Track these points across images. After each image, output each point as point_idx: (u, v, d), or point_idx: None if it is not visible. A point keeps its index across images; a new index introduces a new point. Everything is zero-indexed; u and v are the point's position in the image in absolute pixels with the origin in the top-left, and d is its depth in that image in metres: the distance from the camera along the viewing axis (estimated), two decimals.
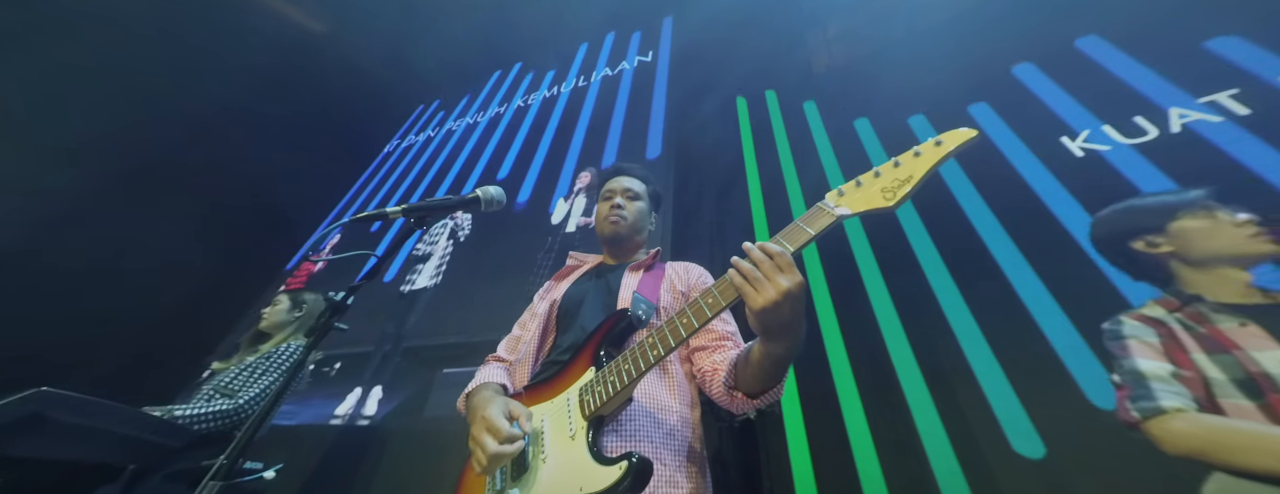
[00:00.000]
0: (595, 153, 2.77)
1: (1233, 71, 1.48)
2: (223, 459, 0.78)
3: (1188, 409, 1.03)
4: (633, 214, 1.34)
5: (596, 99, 3.35)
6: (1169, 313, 1.17)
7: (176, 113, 3.91)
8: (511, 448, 0.82)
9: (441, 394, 1.78)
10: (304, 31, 4.51)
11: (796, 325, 0.74)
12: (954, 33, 2.26)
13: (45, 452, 1.33)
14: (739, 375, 0.90)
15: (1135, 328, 1.19)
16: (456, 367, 1.82)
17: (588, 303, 1.18)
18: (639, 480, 0.73)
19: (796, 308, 0.70)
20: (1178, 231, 1.26)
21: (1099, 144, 1.57)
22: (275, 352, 2.03)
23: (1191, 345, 1.10)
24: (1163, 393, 1.08)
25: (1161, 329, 1.16)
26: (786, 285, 0.68)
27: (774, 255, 0.70)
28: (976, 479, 1.22)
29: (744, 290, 0.71)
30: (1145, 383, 1.11)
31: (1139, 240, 1.31)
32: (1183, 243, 1.24)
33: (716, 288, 0.77)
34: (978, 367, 1.37)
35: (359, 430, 1.96)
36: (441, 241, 2.55)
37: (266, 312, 2.28)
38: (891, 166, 0.70)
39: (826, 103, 2.41)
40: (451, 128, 4.41)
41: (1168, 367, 1.10)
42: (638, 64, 3.41)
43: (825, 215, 0.72)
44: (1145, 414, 1.08)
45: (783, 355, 0.78)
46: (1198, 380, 1.06)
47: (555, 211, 2.22)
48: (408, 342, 2.10)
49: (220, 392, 1.88)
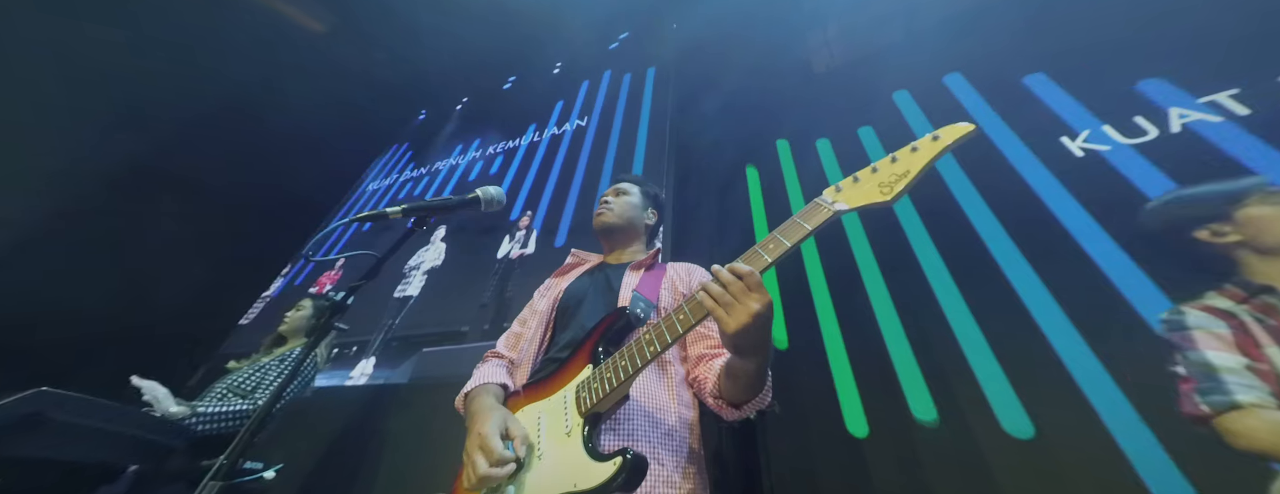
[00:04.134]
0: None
1: (1234, 71, 1.48)
2: (223, 459, 0.79)
3: (1267, 404, 0.96)
4: (619, 206, 1.38)
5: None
6: (1236, 304, 1.09)
7: (180, 111, 3.93)
8: (501, 472, 0.81)
9: (421, 363, 2.38)
10: (307, 31, 4.53)
11: (765, 342, 0.78)
12: (954, 33, 2.26)
13: (45, 452, 1.33)
14: (723, 387, 0.93)
15: (1201, 318, 1.11)
16: (433, 346, 2.43)
17: (588, 300, 1.18)
18: (633, 477, 0.73)
19: (765, 327, 0.73)
20: (1247, 219, 1.17)
21: (1099, 144, 1.57)
22: (290, 355, 2.07)
23: (1264, 338, 1.02)
24: (1237, 386, 1.00)
25: (1231, 321, 1.08)
26: (756, 308, 0.70)
27: (743, 275, 0.71)
28: (976, 477, 1.22)
29: (716, 313, 0.73)
30: (1216, 375, 1.03)
31: (1203, 229, 1.22)
32: (1254, 230, 1.15)
33: (687, 305, 0.78)
34: (977, 366, 1.37)
35: (362, 403, 2.43)
36: (430, 253, 3.16)
37: (289, 315, 2.33)
38: (888, 162, 0.70)
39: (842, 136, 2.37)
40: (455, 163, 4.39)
41: (1241, 360, 1.03)
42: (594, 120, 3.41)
43: (823, 211, 0.72)
44: (1217, 408, 1.00)
45: (755, 370, 0.82)
46: (1272, 375, 0.99)
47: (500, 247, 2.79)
48: (397, 332, 2.71)
49: (233, 391, 1.91)
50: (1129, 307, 1.24)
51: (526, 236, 2.69)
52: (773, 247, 0.73)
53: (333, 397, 2.55)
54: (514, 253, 2.65)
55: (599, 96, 3.66)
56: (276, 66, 4.36)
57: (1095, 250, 1.38)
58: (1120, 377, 1.15)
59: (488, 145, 4.10)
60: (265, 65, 4.30)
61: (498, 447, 0.83)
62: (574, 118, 3.59)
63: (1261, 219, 1.15)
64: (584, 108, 3.63)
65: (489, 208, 1.15)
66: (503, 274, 2.54)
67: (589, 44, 4.22)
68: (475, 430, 0.89)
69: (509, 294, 2.42)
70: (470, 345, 2.31)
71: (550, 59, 4.46)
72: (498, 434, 0.87)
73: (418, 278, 2.97)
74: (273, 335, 2.31)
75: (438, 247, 3.17)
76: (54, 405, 1.29)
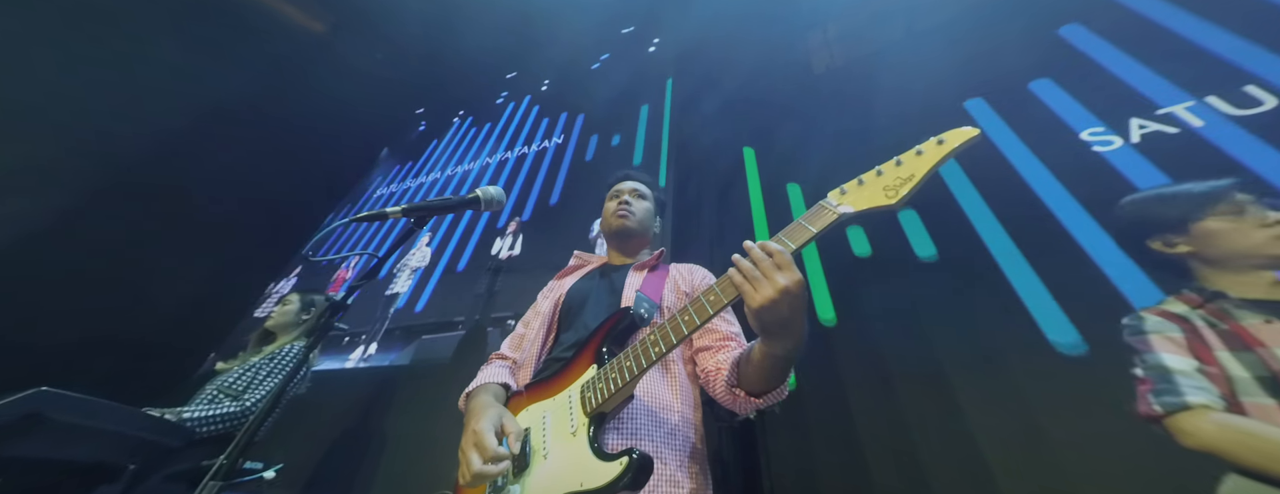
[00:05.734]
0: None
1: (1234, 71, 1.48)
2: (223, 459, 0.78)
3: (1214, 406, 1.00)
4: (640, 212, 1.36)
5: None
6: (1191, 309, 1.14)
7: (178, 112, 3.91)
8: (495, 469, 0.81)
9: (421, 348, 2.63)
10: (308, 33, 4.52)
11: (797, 324, 0.73)
12: (954, 33, 2.27)
13: (45, 452, 1.32)
14: (742, 374, 0.89)
15: (1157, 323, 1.16)
16: (431, 334, 2.68)
17: (591, 301, 1.18)
18: (639, 476, 0.73)
19: (796, 306, 0.70)
20: (1199, 233, 1.20)
21: (1100, 144, 1.57)
22: (279, 353, 2.03)
23: (1215, 342, 1.07)
24: (1188, 388, 1.04)
25: (1184, 325, 1.12)
26: (784, 283, 0.68)
27: (773, 253, 0.70)
28: (975, 477, 1.22)
29: (743, 289, 0.71)
30: (1170, 377, 1.08)
31: (1156, 240, 1.26)
32: (1203, 244, 1.19)
33: (718, 285, 0.77)
34: (977, 365, 1.38)
35: (372, 382, 2.63)
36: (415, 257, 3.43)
37: (275, 310, 2.28)
38: (893, 165, 0.71)
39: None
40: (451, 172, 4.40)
41: (1192, 362, 1.07)
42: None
43: (828, 213, 0.73)
44: (1168, 409, 1.05)
45: (783, 355, 0.78)
46: (1222, 378, 1.03)
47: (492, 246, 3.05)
48: (398, 323, 2.96)
49: (223, 391, 1.88)
50: (1129, 304, 1.25)
51: (514, 241, 2.95)
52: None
53: (344, 378, 2.78)
54: (503, 253, 2.92)
55: (599, 102, 3.70)
56: (276, 68, 4.35)
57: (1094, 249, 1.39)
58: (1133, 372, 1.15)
59: (481, 156, 4.14)
60: (266, 66, 4.29)
61: (492, 443, 0.83)
62: (577, 127, 3.64)
63: (1213, 234, 1.19)
64: (588, 119, 3.66)
65: (489, 207, 1.14)
66: (494, 270, 2.84)
67: (585, 49, 4.21)
68: (470, 427, 0.89)
69: (497, 288, 2.70)
70: (463, 333, 2.56)
71: (550, 61, 4.45)
72: (492, 431, 0.87)
73: (406, 275, 3.26)
74: (259, 332, 2.25)
75: (423, 250, 3.42)
76: (54, 405, 1.28)
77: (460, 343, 2.49)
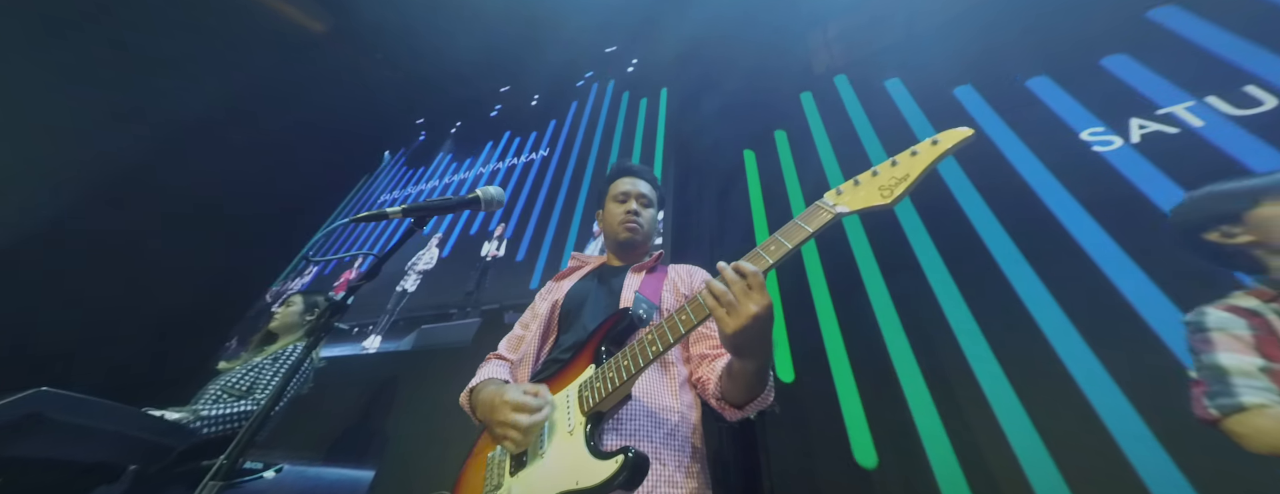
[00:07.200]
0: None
1: (1234, 71, 1.48)
2: (223, 459, 0.78)
3: (1274, 405, 0.96)
4: (647, 223, 1.35)
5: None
6: (1264, 303, 1.07)
7: (179, 112, 3.92)
8: (542, 415, 0.87)
9: (421, 336, 2.93)
10: (307, 33, 4.52)
11: (765, 345, 0.78)
12: (954, 33, 2.27)
13: (45, 452, 1.33)
14: (723, 388, 0.94)
15: (1222, 319, 1.10)
16: (431, 323, 2.97)
17: (590, 302, 1.18)
18: (635, 475, 0.74)
19: (764, 329, 0.73)
20: (1255, 220, 1.15)
21: (1100, 144, 1.57)
22: (283, 354, 2.03)
23: None
24: (1244, 389, 1.00)
25: (1255, 320, 1.06)
26: (755, 310, 0.70)
27: (747, 274, 0.71)
28: (975, 478, 1.22)
29: (716, 314, 0.73)
30: (1226, 378, 1.03)
31: (1214, 231, 1.21)
32: (1264, 232, 1.14)
33: (689, 306, 0.79)
34: (977, 366, 1.37)
35: (380, 365, 2.91)
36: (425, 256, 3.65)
37: (278, 311, 2.28)
38: (889, 166, 0.71)
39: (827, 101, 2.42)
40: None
41: (1257, 361, 1.02)
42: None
43: (824, 213, 0.73)
44: (1224, 411, 1.01)
45: (755, 370, 0.83)
46: None
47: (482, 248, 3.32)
48: (401, 314, 3.24)
49: (228, 391, 1.87)
50: (1134, 312, 1.24)
51: (500, 243, 3.24)
52: (774, 248, 0.74)
53: (354, 362, 3.05)
54: (489, 254, 3.22)
55: (600, 104, 3.79)
56: (276, 68, 4.36)
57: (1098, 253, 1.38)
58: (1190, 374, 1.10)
59: (478, 164, 4.22)
60: (265, 66, 4.30)
61: (530, 400, 0.89)
62: (582, 129, 3.73)
63: (1271, 219, 1.14)
64: (590, 121, 3.74)
65: (489, 207, 1.14)
66: (482, 269, 3.15)
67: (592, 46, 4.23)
68: (500, 401, 0.91)
69: (485, 285, 3.00)
70: (456, 323, 2.84)
71: (550, 63, 4.46)
72: (522, 394, 0.90)
73: (413, 276, 3.48)
74: (262, 333, 2.25)
75: (432, 251, 3.62)
76: (54, 405, 1.29)
77: (453, 330, 2.78)
